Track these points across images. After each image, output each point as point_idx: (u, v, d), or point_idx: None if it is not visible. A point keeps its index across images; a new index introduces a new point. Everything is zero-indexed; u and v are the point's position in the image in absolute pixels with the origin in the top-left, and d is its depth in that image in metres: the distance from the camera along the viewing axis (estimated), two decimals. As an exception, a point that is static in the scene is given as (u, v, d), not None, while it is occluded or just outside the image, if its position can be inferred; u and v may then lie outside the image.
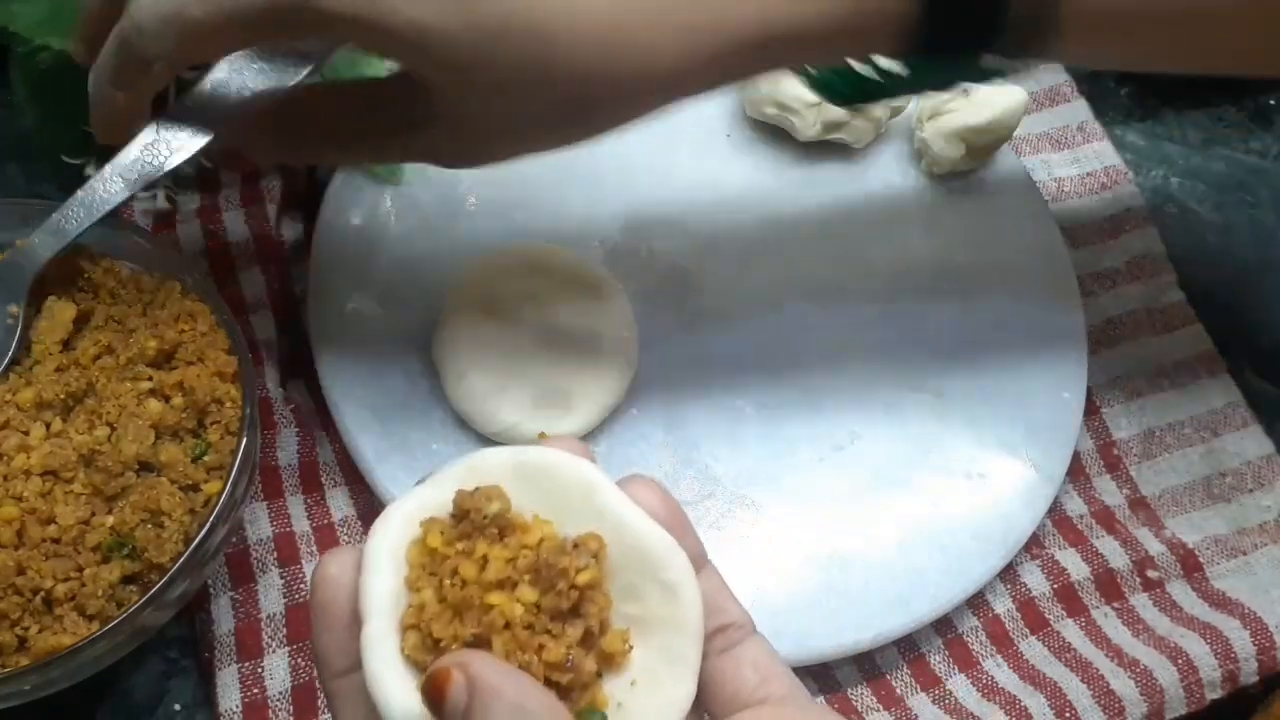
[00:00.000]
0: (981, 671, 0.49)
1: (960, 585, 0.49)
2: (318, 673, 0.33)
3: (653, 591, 0.31)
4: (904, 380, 0.54)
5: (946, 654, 0.50)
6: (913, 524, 0.51)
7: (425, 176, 0.56)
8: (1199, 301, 0.59)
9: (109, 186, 0.44)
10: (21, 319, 0.44)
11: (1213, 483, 0.55)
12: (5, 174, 0.57)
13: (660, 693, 0.31)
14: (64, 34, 0.47)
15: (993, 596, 0.51)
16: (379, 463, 0.49)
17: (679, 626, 0.31)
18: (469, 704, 0.27)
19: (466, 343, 0.50)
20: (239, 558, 0.47)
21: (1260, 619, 0.49)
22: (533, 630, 0.29)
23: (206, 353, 0.44)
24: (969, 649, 0.50)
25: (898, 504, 0.51)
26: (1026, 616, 0.50)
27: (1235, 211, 0.63)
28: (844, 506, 0.51)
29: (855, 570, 0.49)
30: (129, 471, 0.41)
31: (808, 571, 0.49)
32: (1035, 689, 0.48)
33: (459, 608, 0.29)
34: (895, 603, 0.48)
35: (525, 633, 0.29)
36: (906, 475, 0.52)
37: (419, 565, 0.30)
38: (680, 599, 0.30)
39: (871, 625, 0.48)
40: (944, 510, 0.51)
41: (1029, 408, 0.54)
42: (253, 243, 0.53)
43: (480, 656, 0.28)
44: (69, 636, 0.38)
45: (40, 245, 0.44)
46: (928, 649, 0.50)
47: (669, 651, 0.31)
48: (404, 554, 0.30)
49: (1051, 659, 0.49)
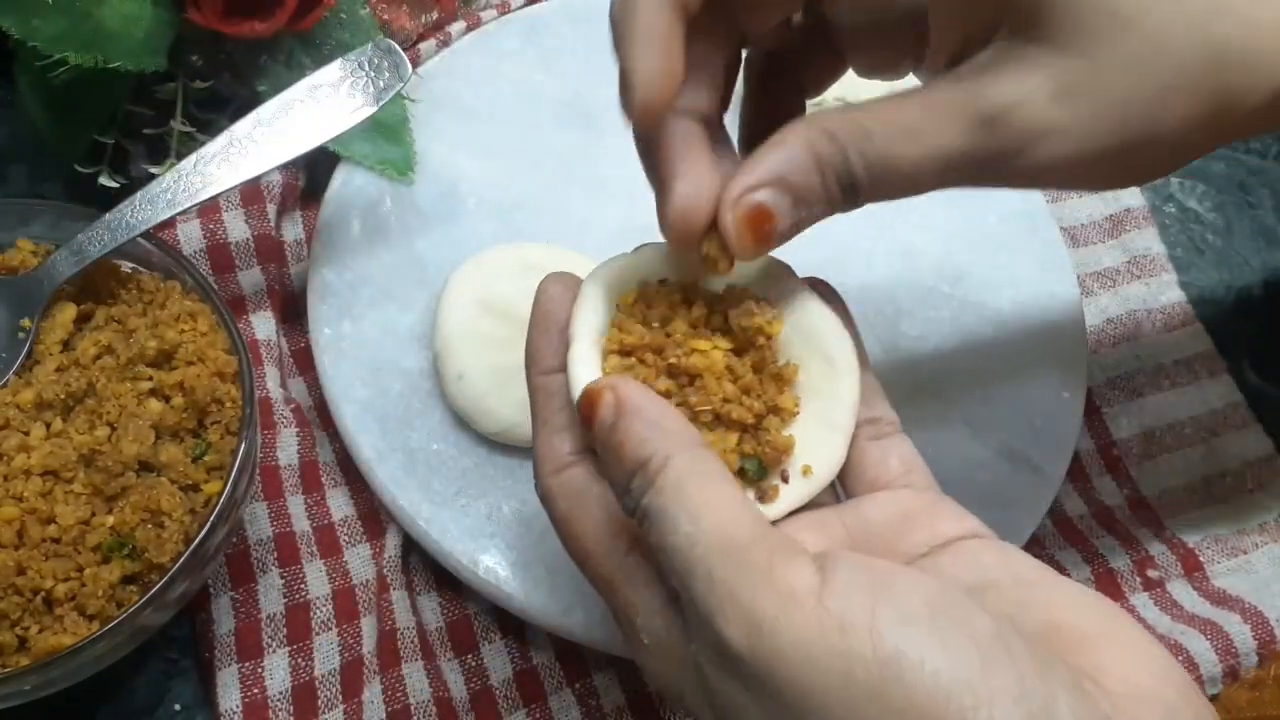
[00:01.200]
0: (981, 671, 0.49)
1: (960, 585, 0.49)
2: (526, 369, 0.36)
3: (817, 365, 0.35)
4: (904, 380, 0.54)
5: (946, 654, 0.49)
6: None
7: (426, 176, 0.56)
8: (1199, 301, 0.59)
9: (137, 213, 0.45)
10: (34, 332, 0.44)
11: (1213, 483, 0.55)
12: (9, 174, 0.57)
13: (815, 452, 0.35)
14: (81, 48, 0.48)
15: (993, 596, 0.51)
16: (379, 463, 0.49)
17: (839, 399, 0.35)
18: (615, 420, 0.31)
19: (466, 343, 0.50)
20: (239, 558, 0.47)
21: (1260, 612, 0.49)
22: (722, 379, 0.34)
23: (206, 353, 0.44)
24: (969, 649, 0.50)
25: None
26: (1026, 616, 0.50)
27: (1235, 211, 0.63)
28: (844, 506, 0.51)
29: (855, 570, 0.49)
30: (129, 471, 0.41)
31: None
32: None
33: (660, 349, 0.35)
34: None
35: (715, 382, 0.34)
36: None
37: (629, 307, 0.36)
38: (841, 375, 0.35)
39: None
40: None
41: (1029, 408, 0.54)
42: (253, 243, 0.53)
43: (628, 381, 0.32)
44: (69, 636, 0.38)
45: (61, 263, 0.44)
46: (928, 649, 0.50)
47: (825, 419, 0.35)
48: (613, 295, 0.35)
49: (1051, 659, 0.49)
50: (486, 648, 0.49)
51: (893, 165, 0.33)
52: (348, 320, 0.52)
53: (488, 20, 0.61)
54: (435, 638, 0.49)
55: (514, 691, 0.48)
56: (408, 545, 0.50)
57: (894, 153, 0.32)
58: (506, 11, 0.62)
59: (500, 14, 0.61)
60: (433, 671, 0.47)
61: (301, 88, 0.47)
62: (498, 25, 0.61)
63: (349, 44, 0.55)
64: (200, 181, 0.45)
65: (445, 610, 0.49)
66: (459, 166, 0.57)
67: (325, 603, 0.48)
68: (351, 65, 0.48)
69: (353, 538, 0.50)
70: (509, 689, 0.48)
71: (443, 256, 0.54)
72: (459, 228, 0.55)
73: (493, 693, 0.48)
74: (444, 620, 0.49)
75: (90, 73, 0.48)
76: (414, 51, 0.59)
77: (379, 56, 0.48)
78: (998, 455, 0.52)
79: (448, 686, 0.47)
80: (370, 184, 0.55)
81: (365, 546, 0.50)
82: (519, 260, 0.53)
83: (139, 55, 0.50)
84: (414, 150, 0.56)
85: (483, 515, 0.49)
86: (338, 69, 0.48)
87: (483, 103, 0.59)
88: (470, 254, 0.53)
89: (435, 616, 0.49)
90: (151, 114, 0.54)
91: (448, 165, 0.57)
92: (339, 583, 0.48)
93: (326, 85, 0.48)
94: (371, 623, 0.48)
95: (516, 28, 0.61)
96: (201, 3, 0.51)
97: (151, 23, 0.51)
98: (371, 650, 0.47)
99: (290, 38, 0.54)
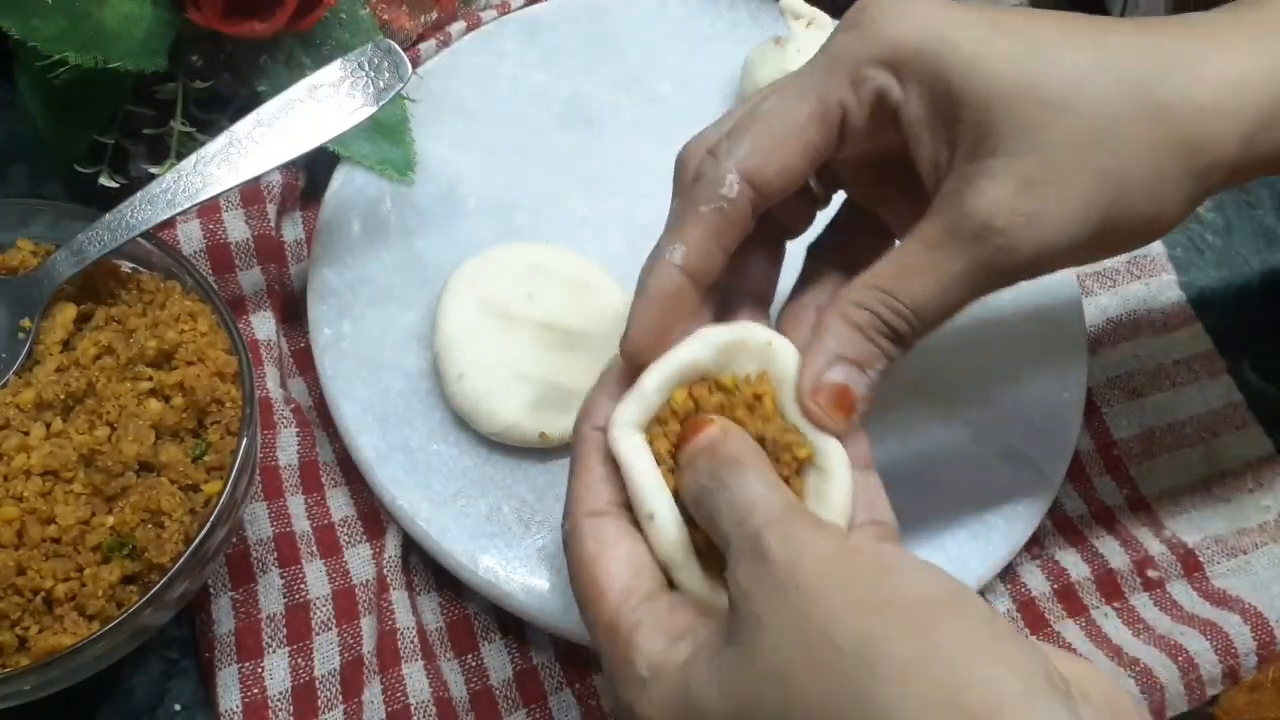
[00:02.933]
0: (981, 671, 0.49)
1: (960, 585, 0.49)
2: (578, 421, 0.39)
3: (809, 473, 0.37)
4: (903, 380, 0.54)
5: (947, 654, 0.49)
6: (913, 524, 0.51)
7: (426, 176, 0.56)
8: (1199, 301, 0.59)
9: (137, 213, 0.45)
10: (34, 332, 0.44)
11: (1213, 483, 0.55)
12: (9, 174, 0.57)
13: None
14: (81, 48, 0.48)
15: (993, 596, 0.51)
16: (379, 463, 0.49)
17: (830, 503, 0.37)
18: (718, 444, 0.35)
19: (466, 343, 0.50)
20: (239, 558, 0.47)
21: (1260, 613, 0.49)
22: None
23: (206, 353, 0.44)
24: (969, 649, 0.50)
25: (897, 504, 0.51)
26: (1026, 616, 0.50)
27: (1235, 211, 0.63)
28: (844, 506, 0.51)
29: (855, 570, 0.49)
30: (129, 471, 0.41)
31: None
32: (1035, 689, 0.48)
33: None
34: (895, 602, 0.48)
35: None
36: (906, 475, 0.52)
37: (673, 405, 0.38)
38: (835, 484, 0.37)
39: (871, 625, 0.48)
40: (944, 510, 0.51)
41: (1029, 408, 0.53)
42: (253, 243, 0.53)
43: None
44: (69, 636, 0.38)
45: (61, 263, 0.44)
46: (928, 649, 0.50)
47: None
48: (669, 386, 0.38)
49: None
50: (486, 648, 0.49)
51: (919, 305, 0.37)
52: (348, 320, 0.52)
53: (488, 20, 0.61)
54: (435, 638, 0.49)
55: (514, 691, 0.48)
56: (408, 545, 0.50)
57: (915, 295, 0.37)
58: (506, 11, 0.62)
59: (500, 14, 0.61)
60: (433, 671, 0.47)
61: (301, 88, 0.47)
62: (498, 25, 0.61)
63: (349, 44, 0.55)
64: (200, 181, 0.45)
65: (445, 610, 0.49)
66: (459, 166, 0.57)
67: (325, 603, 0.48)
68: (351, 65, 0.48)
69: (353, 538, 0.50)
70: (509, 689, 0.48)
71: (443, 256, 0.54)
72: (459, 228, 0.55)
73: (493, 693, 0.48)
74: (444, 620, 0.49)
75: (90, 73, 0.48)
76: (414, 51, 0.59)
77: (379, 56, 0.48)
78: (998, 455, 0.52)
79: (448, 686, 0.47)
80: (370, 184, 0.55)
81: (365, 546, 0.50)
82: (519, 260, 0.53)
83: (139, 55, 0.50)
84: (414, 150, 0.56)
85: (483, 515, 0.49)
86: (338, 69, 0.48)
87: (483, 103, 0.59)
88: (470, 254, 0.53)
89: (435, 616, 0.49)
90: (151, 114, 0.54)
91: (448, 165, 0.57)
92: (339, 583, 0.48)
93: (326, 85, 0.48)
94: (371, 623, 0.48)
95: (516, 28, 0.61)
96: (201, 3, 0.51)
97: (151, 23, 0.51)
98: (371, 650, 0.47)
99: (290, 38, 0.54)
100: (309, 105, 0.47)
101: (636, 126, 0.59)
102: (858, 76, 0.37)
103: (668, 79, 0.60)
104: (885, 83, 0.37)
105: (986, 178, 0.35)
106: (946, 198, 0.36)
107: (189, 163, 0.46)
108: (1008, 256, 0.36)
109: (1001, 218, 0.35)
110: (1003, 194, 0.35)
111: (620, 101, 0.60)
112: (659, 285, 0.38)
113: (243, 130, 0.46)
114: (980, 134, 0.36)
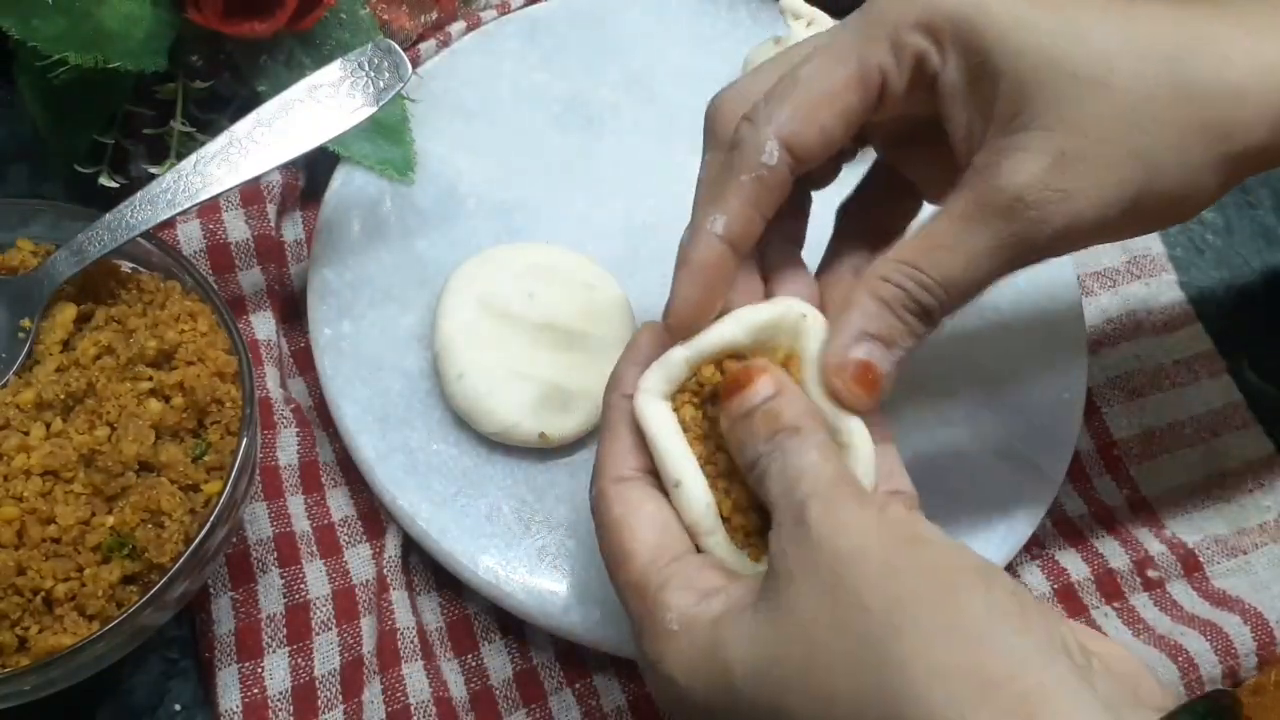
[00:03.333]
0: (981, 671, 0.49)
1: (960, 585, 0.49)
2: (607, 389, 0.39)
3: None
4: (903, 380, 0.54)
5: (946, 654, 0.49)
6: (913, 524, 0.51)
7: (426, 176, 0.56)
8: (1199, 301, 0.59)
9: (137, 213, 0.45)
10: (34, 332, 0.44)
11: (1213, 483, 0.55)
12: (9, 174, 0.57)
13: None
14: (81, 48, 0.48)
15: (993, 596, 0.51)
16: (379, 463, 0.49)
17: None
18: (779, 412, 0.35)
19: (466, 343, 0.50)
20: (239, 558, 0.47)
21: (1260, 613, 0.49)
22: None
23: (206, 353, 0.44)
24: (969, 649, 0.50)
25: (898, 504, 0.51)
26: (1026, 616, 0.50)
27: (1235, 211, 0.63)
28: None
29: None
30: (129, 471, 0.41)
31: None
32: (1035, 689, 0.48)
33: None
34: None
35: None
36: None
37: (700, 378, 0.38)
38: (857, 458, 0.37)
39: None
40: (944, 510, 0.51)
41: (1029, 408, 0.53)
42: (253, 243, 0.53)
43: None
44: (69, 636, 0.38)
45: (61, 263, 0.44)
46: (928, 649, 0.50)
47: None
48: (693, 361, 0.38)
49: (1051, 659, 0.49)
50: (486, 648, 0.49)
51: (947, 279, 0.37)
52: (348, 320, 0.52)
53: (488, 20, 0.61)
54: (435, 638, 0.49)
55: (514, 691, 0.48)
56: (408, 545, 0.50)
57: (943, 269, 0.36)
58: (506, 11, 0.62)
59: (500, 14, 0.61)
60: (433, 671, 0.47)
61: (301, 88, 0.47)
62: (498, 25, 0.61)
63: (349, 44, 0.55)
64: (200, 181, 0.45)
65: (445, 610, 0.49)
66: (459, 166, 0.57)
67: (325, 603, 0.48)
68: (351, 65, 0.48)
69: (353, 538, 0.50)
70: (509, 689, 0.48)
71: (443, 256, 0.54)
72: (459, 228, 0.55)
73: (493, 693, 0.48)
74: (444, 620, 0.49)
75: (90, 73, 0.48)
76: (414, 51, 0.59)
77: (379, 56, 0.48)
78: (998, 455, 0.52)
79: (448, 686, 0.47)
80: (370, 184, 0.55)
81: (365, 546, 0.50)
82: (519, 260, 0.53)
83: (139, 55, 0.50)
84: (414, 150, 0.56)
85: (483, 515, 0.49)
86: (338, 69, 0.48)
87: (483, 103, 0.59)
88: (470, 254, 0.53)
89: (435, 616, 0.49)
90: (151, 114, 0.54)
91: (448, 165, 0.57)
92: (339, 583, 0.48)
93: (326, 85, 0.48)
94: (371, 623, 0.48)
95: (516, 28, 0.61)
96: (201, 3, 0.51)
97: (151, 23, 0.51)
98: (371, 650, 0.47)
99: (290, 38, 0.54)
100: (309, 105, 0.47)
101: (636, 126, 0.59)
102: (898, 40, 0.37)
103: (668, 79, 0.60)
104: (925, 48, 0.37)
105: (1021, 151, 0.35)
106: (978, 170, 0.36)
107: (189, 163, 0.46)
108: (1038, 230, 0.36)
109: (1033, 192, 0.35)
110: (1036, 168, 0.35)
111: (620, 101, 0.60)
112: (701, 256, 0.38)
113: (243, 130, 0.46)
114: (1015, 107, 0.35)
